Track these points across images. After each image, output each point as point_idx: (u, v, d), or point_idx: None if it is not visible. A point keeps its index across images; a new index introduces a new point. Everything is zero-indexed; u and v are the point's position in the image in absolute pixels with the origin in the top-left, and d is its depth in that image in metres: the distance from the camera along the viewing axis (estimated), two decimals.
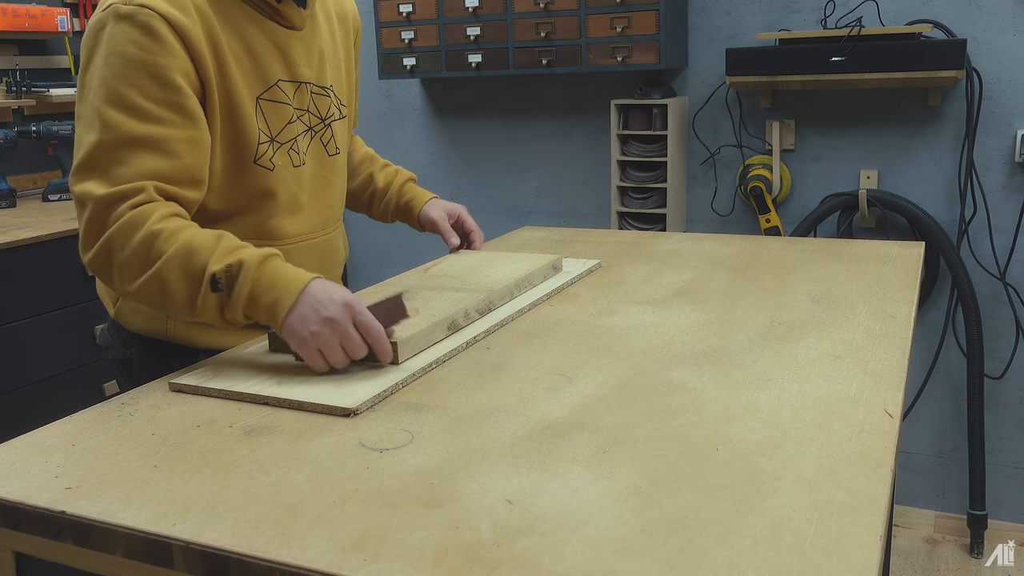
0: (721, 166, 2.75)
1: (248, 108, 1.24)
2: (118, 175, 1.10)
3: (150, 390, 1.09)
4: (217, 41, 1.19)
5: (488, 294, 1.32)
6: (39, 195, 2.96)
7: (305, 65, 1.32)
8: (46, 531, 0.80)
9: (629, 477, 0.81)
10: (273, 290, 1.06)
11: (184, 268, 1.07)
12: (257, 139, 1.25)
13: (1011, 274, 2.48)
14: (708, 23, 2.68)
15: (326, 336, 1.05)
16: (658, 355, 1.13)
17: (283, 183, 1.30)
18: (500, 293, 1.35)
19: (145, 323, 1.33)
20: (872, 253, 1.64)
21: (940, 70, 2.29)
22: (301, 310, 1.05)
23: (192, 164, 1.16)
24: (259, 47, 1.25)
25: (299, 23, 1.30)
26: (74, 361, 2.48)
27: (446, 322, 1.21)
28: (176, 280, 1.07)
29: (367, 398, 1.00)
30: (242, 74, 1.23)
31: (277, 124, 1.28)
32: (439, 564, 0.68)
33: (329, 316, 1.04)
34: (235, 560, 0.71)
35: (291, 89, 1.30)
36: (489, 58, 2.72)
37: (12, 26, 2.80)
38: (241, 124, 1.23)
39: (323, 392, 1.02)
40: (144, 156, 1.12)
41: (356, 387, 1.03)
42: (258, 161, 1.26)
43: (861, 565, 0.66)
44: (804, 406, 0.96)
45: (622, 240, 1.87)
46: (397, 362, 1.10)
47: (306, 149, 1.34)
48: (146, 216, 1.09)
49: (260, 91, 1.26)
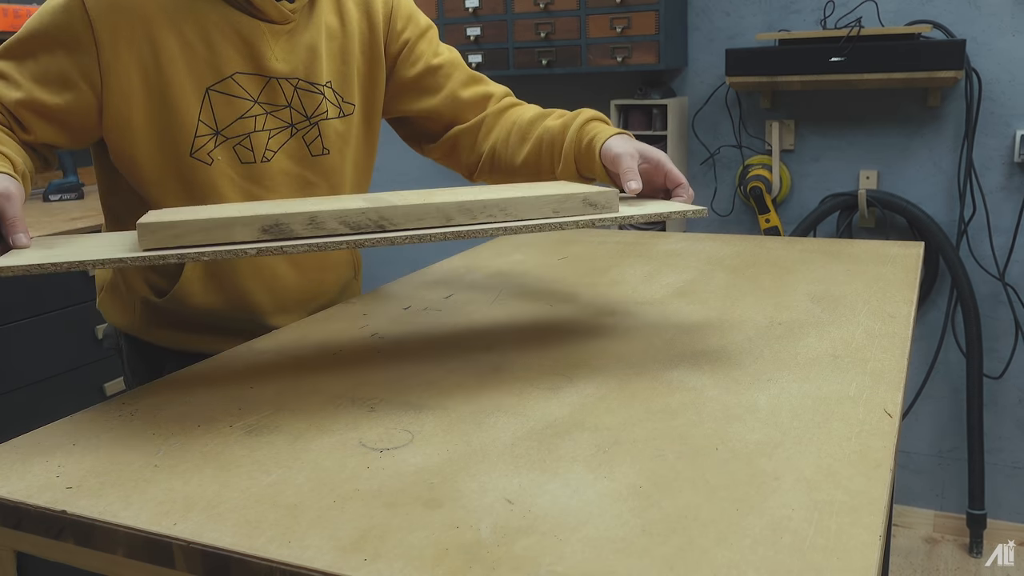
0: (721, 166, 2.76)
1: (188, 99, 1.22)
2: None
3: (150, 390, 1.09)
4: (158, 30, 1.19)
5: (391, 207, 0.98)
6: (39, 195, 2.96)
7: (282, 60, 1.27)
8: (47, 531, 0.80)
9: (629, 477, 0.81)
10: None
11: None
12: (195, 131, 1.23)
13: (1010, 274, 2.48)
14: (708, 23, 2.68)
15: None
16: (658, 355, 1.13)
17: (227, 179, 1.26)
18: (404, 210, 0.98)
19: (118, 317, 1.39)
20: (872, 253, 1.64)
21: (939, 70, 2.29)
22: None
23: (23, 115, 1.18)
24: (219, 37, 1.23)
25: (278, 17, 1.25)
26: (74, 361, 2.48)
27: (260, 222, 0.93)
28: None
29: (18, 263, 0.86)
30: (189, 64, 1.21)
31: (226, 117, 1.25)
32: (439, 564, 0.68)
33: None
34: (235, 560, 0.71)
35: (253, 83, 1.26)
36: (489, 58, 2.73)
37: (12, 26, 2.80)
38: (176, 115, 1.22)
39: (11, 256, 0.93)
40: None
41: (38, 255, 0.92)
42: (195, 154, 1.24)
43: (861, 565, 0.66)
44: (804, 406, 0.96)
45: (622, 240, 1.87)
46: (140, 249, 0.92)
47: (277, 148, 1.29)
48: None
49: (212, 82, 1.23)
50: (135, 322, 1.35)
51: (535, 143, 1.35)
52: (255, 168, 1.28)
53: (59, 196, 2.87)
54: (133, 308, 1.35)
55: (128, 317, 1.36)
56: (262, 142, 1.28)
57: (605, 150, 1.21)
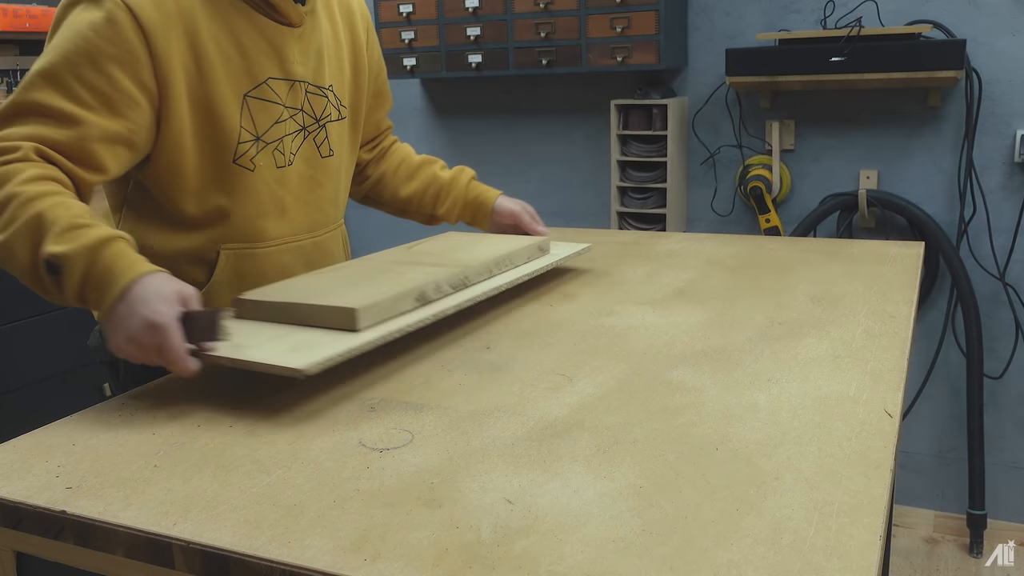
0: (721, 166, 2.76)
1: (230, 106, 1.22)
2: (10, 134, 1.07)
3: (150, 390, 1.09)
4: (198, 38, 1.18)
5: (463, 269, 1.29)
6: None
7: (300, 63, 1.30)
8: (47, 531, 0.80)
9: (629, 477, 0.81)
10: (98, 288, 1.00)
11: (29, 241, 1.02)
12: (238, 138, 1.23)
13: (1010, 274, 2.48)
14: (708, 23, 2.68)
15: (134, 354, 1.00)
16: (658, 355, 1.13)
17: (264, 184, 1.28)
18: (477, 269, 1.31)
19: None
20: (872, 253, 1.64)
21: (939, 70, 2.29)
22: (113, 320, 1.00)
23: (93, 150, 1.11)
24: (250, 43, 1.23)
25: (296, 20, 1.28)
26: (74, 361, 2.48)
27: (414, 293, 1.18)
28: (20, 252, 1.02)
29: (318, 360, 0.98)
30: (228, 71, 1.21)
31: (264, 123, 1.26)
32: (439, 564, 0.68)
33: (132, 335, 0.98)
34: (235, 560, 0.71)
35: (283, 87, 1.28)
36: (489, 58, 2.73)
37: (12, 26, 2.80)
38: (221, 123, 1.21)
39: (276, 354, 1.00)
40: (47, 125, 1.08)
41: (310, 352, 1.01)
42: (237, 161, 1.24)
43: (861, 565, 0.66)
44: (804, 406, 0.96)
45: (622, 240, 1.87)
46: (356, 329, 1.07)
47: (296, 150, 1.32)
48: (10, 176, 1.03)
49: (248, 88, 1.24)
50: None
51: (422, 184, 1.62)
52: (284, 172, 1.31)
53: None
54: None
55: None
56: (291, 146, 1.31)
57: (499, 207, 1.59)
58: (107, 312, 1.00)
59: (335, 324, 1.09)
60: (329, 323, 1.09)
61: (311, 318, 1.10)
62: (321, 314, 1.10)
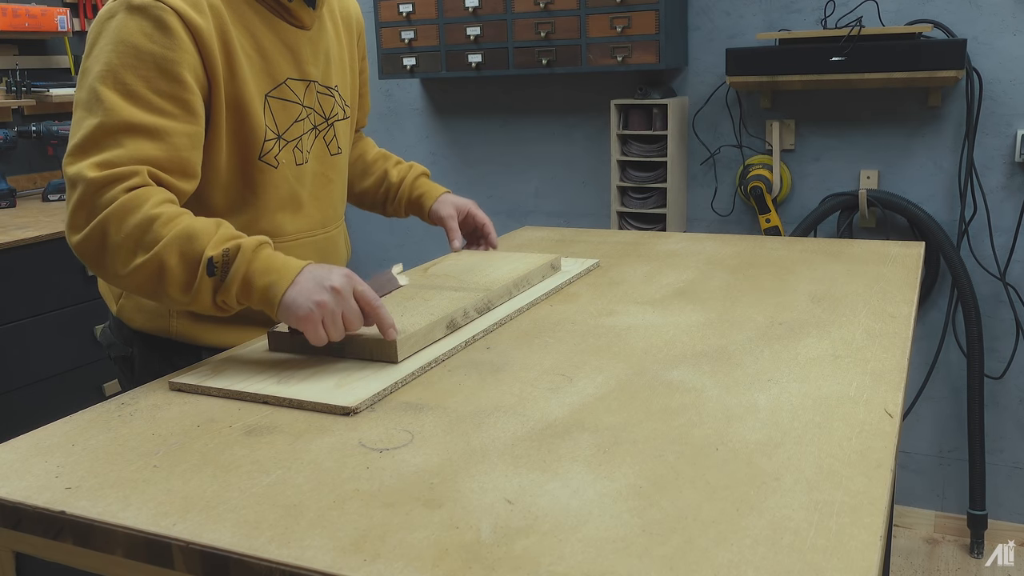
0: (721, 166, 2.75)
1: (256, 105, 1.25)
2: (113, 158, 1.10)
3: (150, 390, 1.09)
4: (228, 39, 1.21)
5: (487, 293, 1.32)
6: (39, 195, 2.96)
7: (312, 64, 1.34)
8: (46, 531, 0.80)
9: (629, 477, 0.81)
10: (268, 274, 1.08)
11: (182, 252, 1.07)
12: (264, 136, 1.27)
13: (1011, 274, 2.48)
14: (708, 23, 2.68)
15: (330, 306, 1.06)
16: (658, 355, 1.13)
17: (285, 180, 1.32)
18: (499, 292, 1.36)
19: (148, 321, 1.33)
20: (872, 253, 1.64)
21: (940, 70, 2.29)
22: (302, 284, 1.07)
23: (187, 158, 1.16)
24: (269, 45, 1.27)
25: (308, 22, 1.33)
26: (74, 361, 2.48)
27: (445, 321, 1.21)
28: (174, 264, 1.07)
29: (366, 397, 1.00)
30: (252, 72, 1.25)
31: (285, 121, 1.30)
32: (439, 564, 0.68)
33: (332, 285, 1.07)
34: (235, 560, 0.71)
35: (300, 87, 1.32)
36: (489, 58, 2.72)
37: (12, 26, 2.80)
38: (249, 121, 1.25)
39: (323, 391, 1.02)
40: (142, 142, 1.12)
41: (355, 386, 1.03)
42: (263, 158, 1.28)
43: (861, 565, 0.66)
44: (804, 406, 0.96)
45: (622, 240, 1.87)
46: (396, 360, 1.11)
47: (310, 147, 1.36)
48: (143, 199, 1.09)
49: (269, 88, 1.28)
50: (173, 324, 1.31)
51: (375, 181, 1.66)
52: (302, 169, 1.35)
53: (59, 196, 2.87)
54: (168, 309, 1.32)
55: (163, 321, 1.31)
56: (307, 144, 1.35)
57: (433, 212, 1.60)
58: (283, 293, 1.07)
59: (375, 356, 1.12)
60: (368, 355, 1.12)
61: (350, 350, 1.13)
62: (362, 346, 1.13)
